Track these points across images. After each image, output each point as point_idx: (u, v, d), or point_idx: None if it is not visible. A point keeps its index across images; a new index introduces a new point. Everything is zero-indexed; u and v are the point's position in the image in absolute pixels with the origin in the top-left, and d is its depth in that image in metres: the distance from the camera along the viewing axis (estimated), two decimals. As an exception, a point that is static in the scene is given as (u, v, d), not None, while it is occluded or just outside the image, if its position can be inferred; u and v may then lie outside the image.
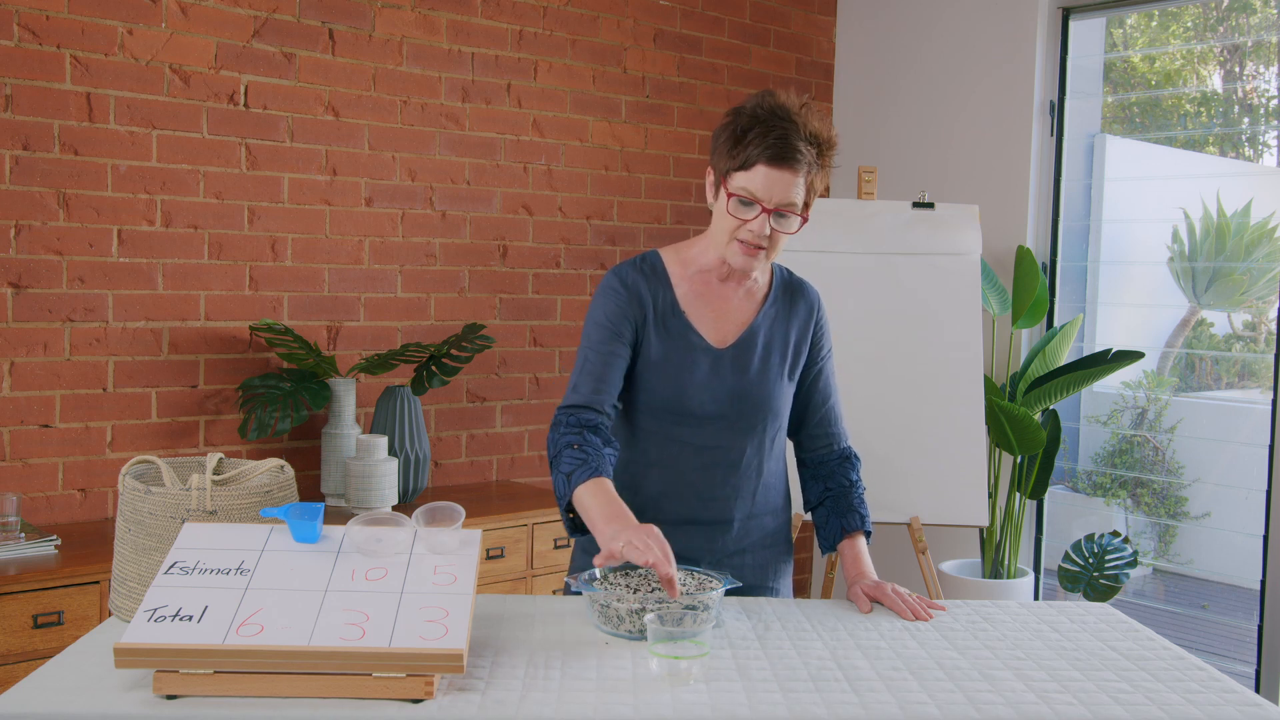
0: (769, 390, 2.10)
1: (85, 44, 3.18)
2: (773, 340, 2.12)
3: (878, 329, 3.47)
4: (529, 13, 4.05)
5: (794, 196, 1.95)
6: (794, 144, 1.93)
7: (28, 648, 2.68)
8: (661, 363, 2.06)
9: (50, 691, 1.50)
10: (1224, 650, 4.19)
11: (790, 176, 1.94)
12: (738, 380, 2.08)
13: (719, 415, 2.07)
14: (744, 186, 1.96)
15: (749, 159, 1.95)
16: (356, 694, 1.49)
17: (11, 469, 3.12)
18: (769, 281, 2.16)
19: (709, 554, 2.12)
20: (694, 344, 2.07)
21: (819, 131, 1.97)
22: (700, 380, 2.06)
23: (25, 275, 3.13)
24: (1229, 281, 4.32)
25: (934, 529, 4.17)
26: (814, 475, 2.22)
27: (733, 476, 2.11)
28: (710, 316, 2.10)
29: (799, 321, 2.15)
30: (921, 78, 4.70)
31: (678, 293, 2.09)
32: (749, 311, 2.12)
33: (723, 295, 2.11)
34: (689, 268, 2.11)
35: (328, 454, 3.49)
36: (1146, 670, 1.74)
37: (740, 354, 2.09)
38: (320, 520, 1.72)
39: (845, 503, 2.17)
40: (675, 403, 2.06)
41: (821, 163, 1.99)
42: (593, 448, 1.94)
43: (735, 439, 2.09)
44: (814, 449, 2.22)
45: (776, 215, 1.96)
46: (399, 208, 3.79)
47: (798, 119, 1.95)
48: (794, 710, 1.52)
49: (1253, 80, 4.57)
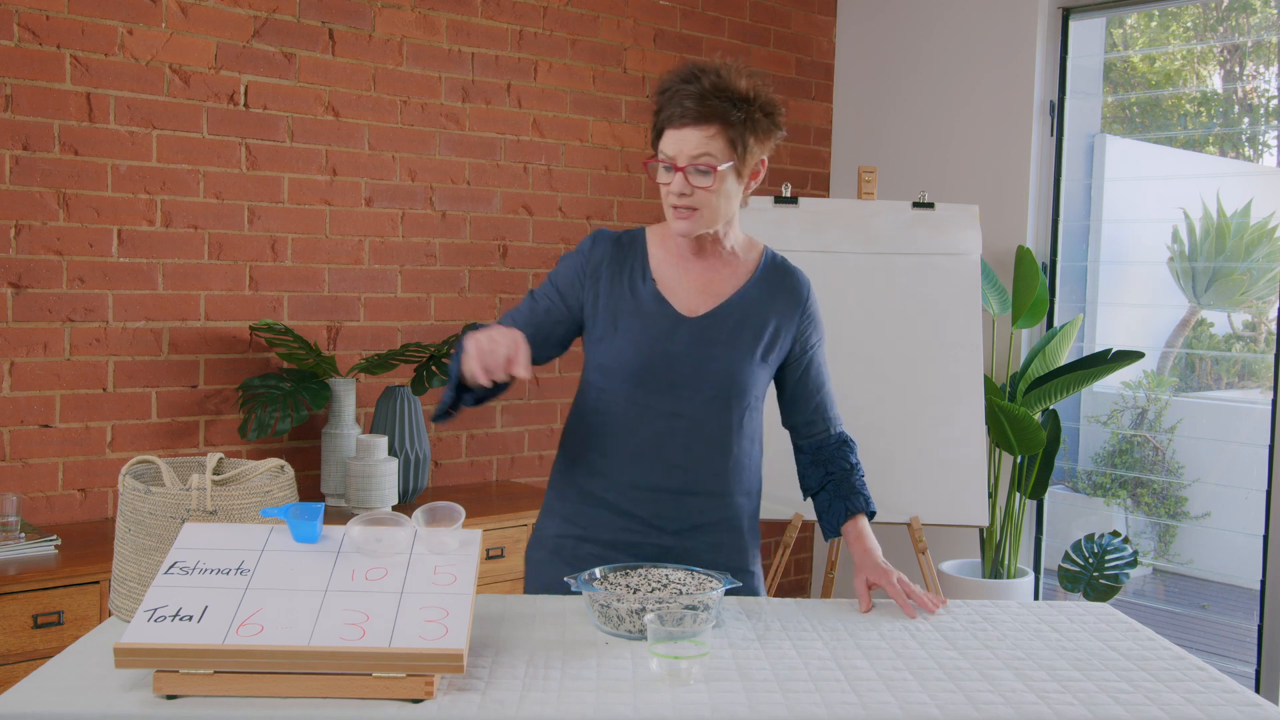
0: (736, 364, 2.10)
1: (85, 44, 3.18)
2: (748, 318, 2.13)
3: (878, 329, 3.47)
4: (529, 13, 4.05)
5: (705, 153, 1.98)
6: (698, 102, 1.97)
7: (28, 648, 2.68)
8: (626, 326, 2.09)
9: (50, 691, 1.50)
10: (1224, 650, 4.19)
11: (694, 132, 1.98)
12: (703, 349, 2.09)
13: (682, 382, 2.09)
14: (662, 152, 2.02)
15: (660, 126, 2.04)
16: (356, 694, 1.49)
17: (11, 469, 3.12)
18: (756, 261, 2.18)
19: (674, 521, 2.12)
20: (660, 310, 2.10)
21: (734, 86, 1.99)
22: (663, 346, 2.09)
23: (25, 275, 3.13)
24: (1229, 281, 4.32)
25: (934, 529, 4.17)
26: (813, 461, 2.23)
27: (696, 445, 2.11)
28: (683, 286, 2.13)
29: (782, 307, 2.16)
30: (921, 78, 4.70)
31: (652, 261, 2.14)
32: (727, 286, 2.14)
33: (698, 268, 2.14)
34: (667, 239, 2.16)
35: (328, 454, 3.49)
36: (1146, 670, 1.74)
37: (710, 325, 2.11)
38: (320, 520, 1.73)
39: (847, 485, 2.19)
40: (636, 365, 2.08)
41: (748, 118, 2.00)
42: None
43: (699, 409, 2.10)
44: (811, 435, 2.24)
45: (694, 173, 1.99)
46: (399, 208, 3.79)
47: (703, 79, 1.99)
48: (794, 710, 1.52)
49: (1253, 80, 4.57)
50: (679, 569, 1.97)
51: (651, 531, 2.11)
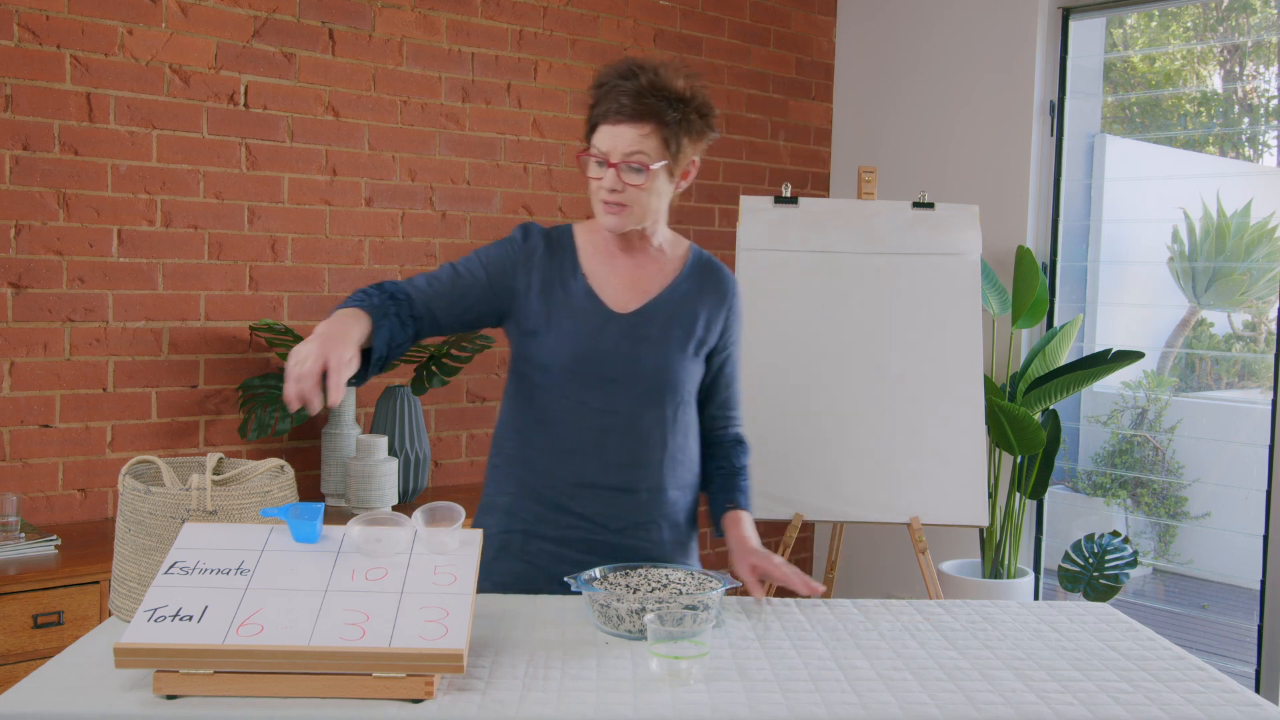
0: (668, 360, 2.11)
1: (85, 44, 3.18)
2: (678, 314, 2.14)
3: (878, 329, 3.47)
4: (529, 13, 4.05)
5: (639, 151, 1.99)
6: (635, 99, 1.97)
7: (28, 648, 2.68)
8: (557, 322, 2.08)
9: (50, 691, 1.50)
10: (1224, 650, 4.19)
11: (629, 129, 1.98)
12: (635, 346, 2.09)
13: (615, 378, 2.08)
14: (595, 146, 2.03)
15: (594, 121, 2.04)
16: (356, 694, 1.49)
17: (11, 469, 3.12)
18: (683, 258, 2.19)
19: (616, 519, 2.12)
20: (592, 306, 2.10)
21: (673, 87, 2.00)
22: (595, 342, 2.08)
23: (25, 275, 3.13)
24: (1229, 281, 4.32)
25: (934, 529, 4.17)
26: (708, 455, 2.26)
27: (631, 442, 2.11)
28: (616, 283, 2.13)
29: (710, 303, 2.17)
30: (921, 78, 4.70)
31: (581, 255, 2.14)
32: (657, 282, 2.15)
33: (627, 265, 2.14)
34: (595, 235, 2.16)
35: (328, 454, 3.50)
36: (1146, 670, 1.74)
37: (641, 322, 2.11)
38: (320, 520, 1.72)
39: (734, 482, 2.22)
40: (569, 362, 2.08)
41: (683, 117, 2.01)
42: (382, 305, 1.97)
43: (633, 405, 2.10)
44: (711, 429, 2.26)
45: (627, 170, 2.00)
46: (399, 208, 3.79)
47: (640, 76, 1.99)
48: (794, 710, 1.52)
49: (1253, 80, 4.57)
50: (679, 569, 1.97)
51: (597, 529, 2.11)
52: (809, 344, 3.46)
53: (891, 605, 2.03)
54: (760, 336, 3.45)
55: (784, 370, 3.45)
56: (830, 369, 3.45)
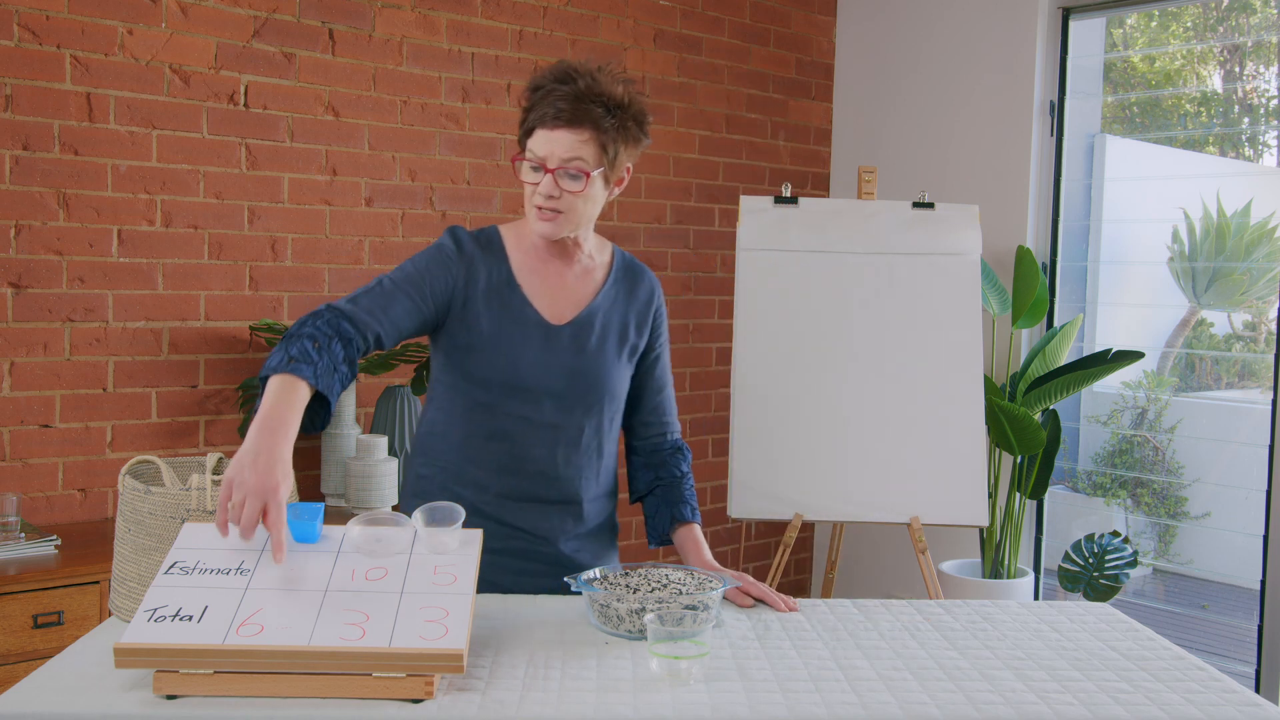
0: (606, 370, 2.09)
1: (85, 44, 3.18)
2: (610, 322, 2.12)
3: (878, 329, 3.47)
4: (529, 13, 4.05)
5: (577, 156, 1.95)
6: (570, 105, 1.93)
7: (28, 648, 2.68)
8: (496, 336, 2.03)
9: (50, 691, 1.50)
10: (1224, 650, 4.19)
11: (568, 135, 1.94)
12: (574, 358, 2.07)
13: (556, 393, 2.05)
14: (530, 151, 1.97)
15: (531, 125, 1.98)
16: (356, 694, 1.49)
17: (11, 469, 3.12)
18: (609, 263, 2.16)
19: (563, 534, 2.10)
20: (529, 319, 2.05)
21: (609, 92, 1.97)
22: (536, 356, 2.04)
23: (25, 275, 3.13)
24: (1229, 281, 4.32)
25: (934, 529, 4.17)
26: (645, 464, 2.22)
27: (575, 455, 2.09)
28: (547, 293, 2.08)
29: (638, 306, 2.16)
30: (921, 78, 4.70)
31: (513, 265, 2.07)
32: (587, 291, 2.12)
33: (559, 272, 2.10)
34: (524, 241, 2.10)
35: (328, 454, 3.50)
36: (1146, 670, 1.74)
37: (578, 332, 2.08)
38: (320, 520, 1.72)
39: (676, 493, 2.18)
40: (511, 377, 2.03)
41: (619, 124, 1.98)
42: (330, 356, 1.81)
43: (573, 418, 2.08)
44: (647, 437, 2.22)
45: (564, 176, 1.96)
46: (399, 208, 3.79)
47: (578, 81, 1.95)
48: (794, 710, 1.52)
49: (1253, 80, 4.57)
50: (679, 569, 1.97)
51: (538, 540, 2.08)
52: (809, 344, 3.46)
53: (891, 605, 2.03)
54: (760, 337, 3.45)
55: (784, 370, 3.45)
56: (830, 369, 3.45)
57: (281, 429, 1.68)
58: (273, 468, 1.63)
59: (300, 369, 1.75)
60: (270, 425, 1.68)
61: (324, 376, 1.78)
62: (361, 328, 1.90)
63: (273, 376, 1.75)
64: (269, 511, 1.61)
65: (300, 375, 1.75)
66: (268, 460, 1.63)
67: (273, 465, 1.63)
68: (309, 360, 1.77)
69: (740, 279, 3.50)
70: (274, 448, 1.65)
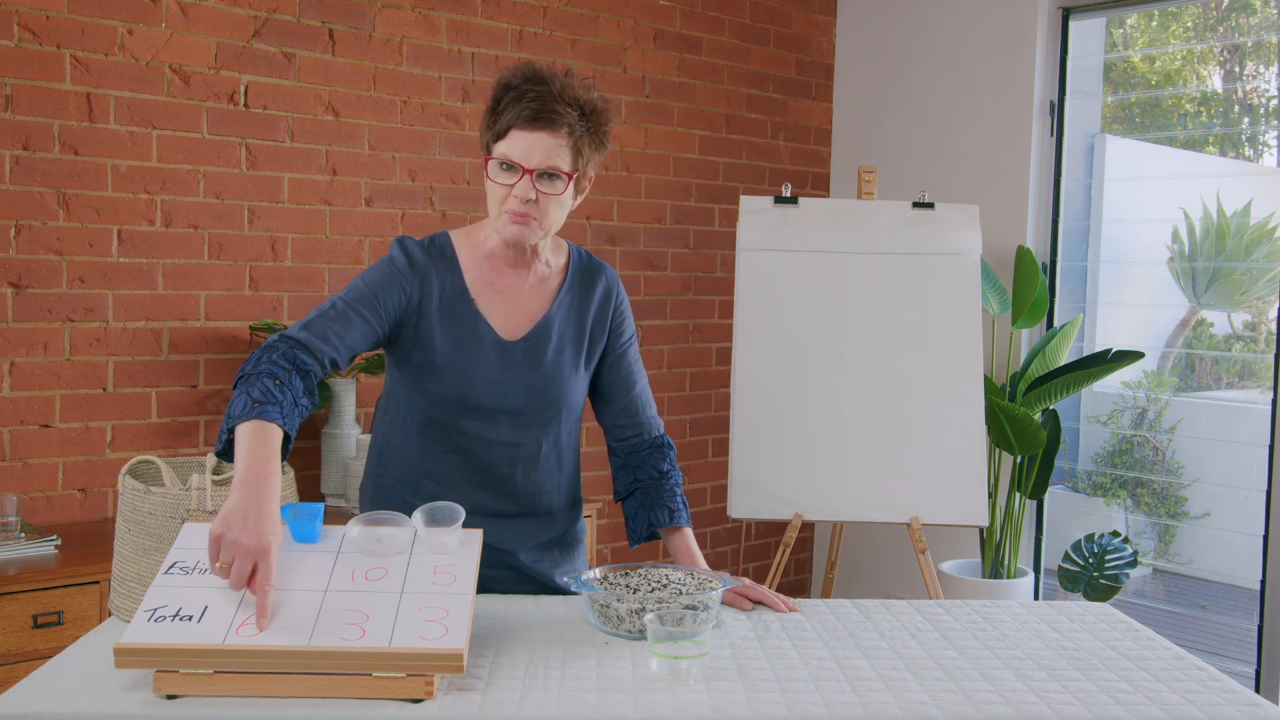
0: (563, 385, 2.06)
1: (85, 44, 3.18)
2: (566, 332, 2.07)
3: (878, 329, 3.47)
4: (529, 13, 4.05)
5: (556, 159, 1.92)
6: (549, 106, 1.90)
7: (28, 648, 2.68)
8: (449, 353, 1.99)
9: (50, 691, 1.50)
10: (1224, 650, 4.19)
11: (547, 138, 1.90)
12: (530, 375, 2.03)
13: (510, 410, 2.02)
14: (505, 153, 1.92)
15: (504, 126, 1.92)
16: (356, 694, 1.49)
17: (11, 469, 3.12)
18: (564, 268, 2.11)
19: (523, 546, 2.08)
20: (482, 335, 2.01)
21: (581, 97, 1.94)
22: (489, 374, 2.01)
23: (25, 275, 3.13)
24: (1229, 281, 4.32)
25: (934, 529, 4.17)
26: (624, 465, 2.18)
27: (533, 471, 2.07)
28: (501, 306, 2.03)
29: (595, 307, 2.11)
30: (921, 78, 4.70)
31: (467, 279, 2.02)
32: (542, 302, 2.06)
33: (514, 284, 2.04)
34: (478, 251, 2.04)
35: (328, 454, 3.50)
36: (1146, 670, 1.74)
37: (532, 348, 2.04)
38: (320, 520, 1.72)
39: (654, 495, 2.13)
40: (463, 396, 1.99)
41: (590, 129, 1.96)
42: (292, 392, 1.78)
43: (529, 434, 2.05)
44: (623, 438, 2.18)
45: (541, 178, 1.92)
46: (399, 208, 3.79)
47: (552, 82, 1.92)
48: (794, 710, 1.52)
49: (1253, 80, 4.57)
50: (679, 569, 1.97)
51: (499, 553, 2.06)
52: (809, 344, 3.46)
53: (891, 605, 2.03)
54: (760, 336, 3.45)
55: (784, 370, 3.45)
56: (830, 369, 3.45)
57: (266, 483, 1.64)
58: (262, 526, 1.59)
59: (268, 412, 1.72)
60: (255, 479, 1.64)
61: (289, 416, 1.75)
62: (317, 355, 1.87)
63: (242, 424, 1.71)
64: (258, 570, 1.56)
65: (269, 419, 1.71)
66: (257, 519, 1.59)
67: (262, 524, 1.59)
68: (273, 400, 1.74)
69: (740, 279, 3.50)
70: (262, 505, 1.61)
